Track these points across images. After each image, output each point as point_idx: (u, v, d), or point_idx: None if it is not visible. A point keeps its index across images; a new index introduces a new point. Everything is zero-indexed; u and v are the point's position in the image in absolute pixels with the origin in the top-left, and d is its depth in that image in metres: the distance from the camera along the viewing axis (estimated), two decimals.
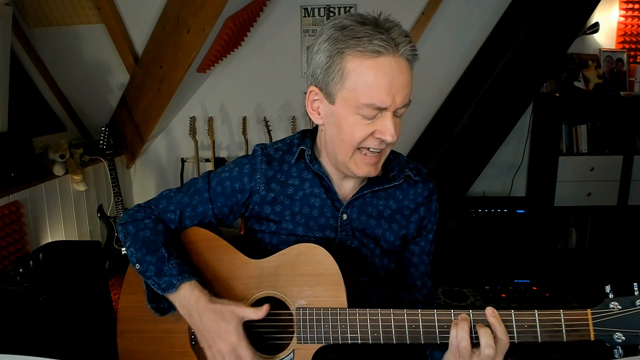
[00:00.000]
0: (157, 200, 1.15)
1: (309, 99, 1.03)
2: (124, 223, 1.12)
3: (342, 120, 0.97)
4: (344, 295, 0.96)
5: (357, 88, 0.92)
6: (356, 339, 0.94)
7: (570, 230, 3.53)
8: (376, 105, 0.93)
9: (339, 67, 0.93)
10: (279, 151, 1.13)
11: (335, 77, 0.94)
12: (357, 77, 0.92)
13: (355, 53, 0.91)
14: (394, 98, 0.93)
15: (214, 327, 0.96)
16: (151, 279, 1.03)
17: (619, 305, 0.82)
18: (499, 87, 3.06)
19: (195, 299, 0.99)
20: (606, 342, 0.83)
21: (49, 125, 3.33)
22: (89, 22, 3.02)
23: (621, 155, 3.30)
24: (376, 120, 0.95)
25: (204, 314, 0.97)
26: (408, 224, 1.13)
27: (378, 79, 0.91)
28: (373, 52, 0.90)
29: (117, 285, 2.97)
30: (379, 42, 0.89)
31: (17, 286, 1.99)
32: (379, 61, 0.90)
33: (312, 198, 1.09)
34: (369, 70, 0.91)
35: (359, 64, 0.91)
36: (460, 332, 0.86)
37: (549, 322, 0.85)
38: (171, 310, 1.05)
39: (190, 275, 1.01)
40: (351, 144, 0.98)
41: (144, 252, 1.05)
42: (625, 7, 3.40)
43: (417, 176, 1.13)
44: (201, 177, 1.15)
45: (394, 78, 0.91)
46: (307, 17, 3.38)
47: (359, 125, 0.96)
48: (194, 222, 1.13)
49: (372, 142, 0.97)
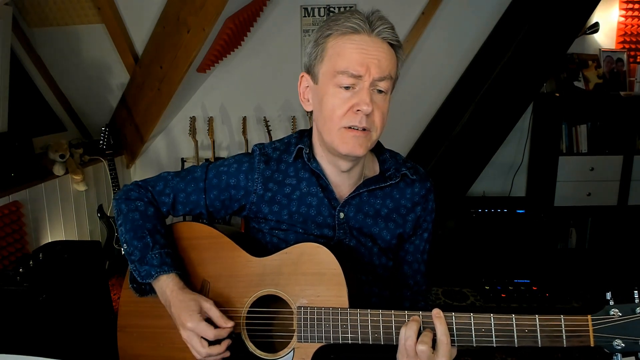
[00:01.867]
0: (155, 181, 1.17)
1: (301, 86, 1.08)
2: (118, 199, 1.15)
3: (323, 95, 1.01)
4: (345, 295, 0.96)
5: (333, 58, 0.99)
6: (356, 339, 0.94)
7: (570, 230, 3.53)
8: (350, 72, 0.97)
9: (321, 47, 1.01)
10: (276, 151, 1.14)
11: (317, 55, 1.02)
12: (334, 50, 0.99)
13: (335, 34, 1.00)
14: (368, 67, 0.96)
15: (177, 314, 1.00)
16: (134, 264, 1.07)
17: (619, 312, 0.83)
18: (499, 87, 3.06)
19: (170, 288, 1.03)
20: (606, 348, 0.83)
21: (49, 125, 3.33)
22: (89, 22, 3.02)
23: (621, 155, 3.30)
24: (354, 94, 0.98)
25: (172, 302, 1.01)
26: (404, 222, 1.13)
27: (352, 48, 0.97)
28: (349, 29, 0.98)
29: (117, 285, 2.97)
30: (354, 20, 0.97)
31: (17, 286, 1.99)
32: (354, 37, 0.98)
33: (309, 197, 1.10)
34: (344, 43, 0.98)
35: (336, 41, 0.99)
36: (408, 331, 0.89)
37: (549, 327, 0.85)
38: (152, 293, 1.08)
39: (169, 268, 1.04)
40: (333, 120, 1.00)
41: (132, 235, 1.09)
42: (625, 7, 3.40)
43: (414, 175, 1.13)
44: (200, 167, 1.17)
45: (367, 50, 0.97)
46: (307, 17, 3.38)
47: (338, 98, 0.99)
48: (185, 209, 1.15)
49: (352, 117, 0.99)
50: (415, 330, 0.88)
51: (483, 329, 0.87)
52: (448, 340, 0.87)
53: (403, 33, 3.33)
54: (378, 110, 0.99)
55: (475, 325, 0.88)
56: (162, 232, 1.11)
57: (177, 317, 1.00)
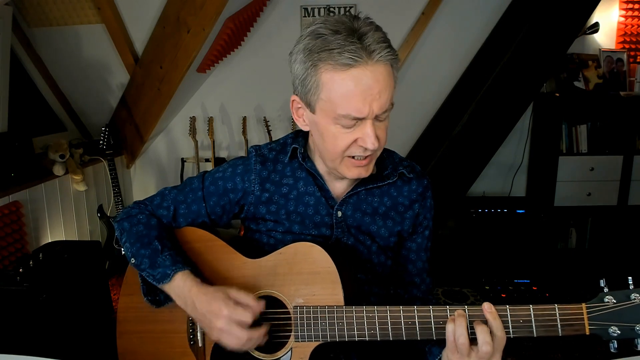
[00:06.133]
0: (153, 197, 1.18)
1: (293, 107, 1.05)
2: (120, 220, 1.14)
3: (323, 130, 0.99)
4: (340, 293, 0.96)
5: (333, 99, 0.93)
6: (353, 337, 0.94)
7: (570, 230, 3.52)
8: (352, 115, 0.93)
9: (314, 79, 0.94)
10: (272, 151, 1.14)
11: (312, 88, 0.95)
12: (331, 89, 0.92)
13: (327, 66, 0.91)
14: (371, 106, 0.92)
15: (207, 308, 0.97)
16: (146, 271, 1.05)
17: (613, 299, 0.83)
18: (499, 87, 3.06)
19: (189, 287, 1.00)
20: (601, 336, 0.83)
21: (49, 125, 3.33)
22: (89, 22, 3.02)
23: (621, 155, 3.29)
24: (356, 128, 0.95)
25: (196, 299, 0.98)
26: (403, 220, 1.13)
27: (352, 89, 0.90)
28: (344, 64, 0.89)
29: (117, 285, 2.98)
30: (349, 54, 0.88)
31: (17, 286, 1.99)
32: (352, 72, 0.90)
33: (307, 196, 1.10)
34: (342, 82, 0.90)
35: (332, 77, 0.91)
36: (459, 329, 0.86)
37: (543, 317, 0.85)
38: (167, 302, 1.06)
39: (183, 265, 1.03)
40: (336, 153, 0.99)
41: (138, 246, 1.07)
42: (625, 7, 3.40)
43: (411, 173, 1.14)
44: (197, 177, 1.17)
45: (368, 87, 0.90)
46: (307, 17, 3.38)
47: (340, 134, 0.96)
48: (187, 219, 1.15)
49: (356, 149, 0.98)
50: (466, 327, 0.86)
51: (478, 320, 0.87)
52: (504, 334, 0.85)
53: (403, 33, 3.33)
54: (381, 132, 0.98)
55: (469, 317, 0.88)
56: (167, 237, 1.10)
57: (206, 311, 0.96)
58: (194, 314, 1.00)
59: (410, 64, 3.43)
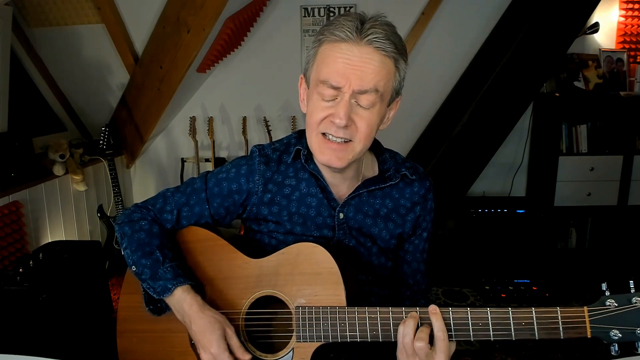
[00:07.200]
0: (155, 200, 1.15)
1: (301, 88, 1.08)
2: (121, 223, 1.13)
3: (309, 100, 1.02)
4: (343, 293, 0.96)
5: (318, 66, 0.98)
6: (355, 337, 0.94)
7: (570, 230, 3.53)
8: (330, 82, 0.95)
9: (314, 52, 1.01)
10: (276, 152, 1.13)
11: (310, 60, 1.02)
12: (321, 57, 0.98)
13: (327, 40, 0.97)
14: (349, 78, 0.94)
15: (200, 335, 0.98)
16: (146, 283, 1.04)
17: (615, 303, 0.83)
18: (499, 87, 3.06)
19: (188, 305, 1.00)
20: (603, 339, 0.83)
21: (49, 125, 3.33)
22: (89, 22, 3.02)
23: (621, 155, 3.30)
24: (335, 105, 0.97)
25: (193, 321, 0.99)
26: (404, 222, 1.13)
27: (336, 57, 0.95)
28: (338, 37, 0.95)
29: (117, 285, 2.97)
30: (344, 29, 0.94)
31: (17, 286, 1.99)
32: (341, 45, 0.95)
33: (309, 198, 1.10)
34: (330, 51, 0.96)
35: (325, 48, 0.98)
36: (406, 329, 0.89)
37: (546, 320, 0.85)
38: (168, 310, 1.06)
39: (184, 280, 1.03)
40: (311, 125, 1.01)
41: (139, 254, 1.06)
42: (625, 7, 3.40)
43: (413, 175, 1.13)
44: (199, 178, 1.15)
45: (352, 61, 0.94)
46: (307, 17, 3.38)
47: (319, 104, 0.99)
48: (190, 221, 1.14)
49: (328, 126, 0.98)
50: (413, 327, 0.88)
51: (480, 323, 0.88)
52: (445, 336, 0.87)
53: (403, 33, 3.32)
54: (362, 121, 0.97)
55: (472, 320, 0.88)
56: (169, 246, 1.09)
57: (199, 338, 0.99)
58: (189, 330, 1.02)
59: (410, 64, 3.39)
